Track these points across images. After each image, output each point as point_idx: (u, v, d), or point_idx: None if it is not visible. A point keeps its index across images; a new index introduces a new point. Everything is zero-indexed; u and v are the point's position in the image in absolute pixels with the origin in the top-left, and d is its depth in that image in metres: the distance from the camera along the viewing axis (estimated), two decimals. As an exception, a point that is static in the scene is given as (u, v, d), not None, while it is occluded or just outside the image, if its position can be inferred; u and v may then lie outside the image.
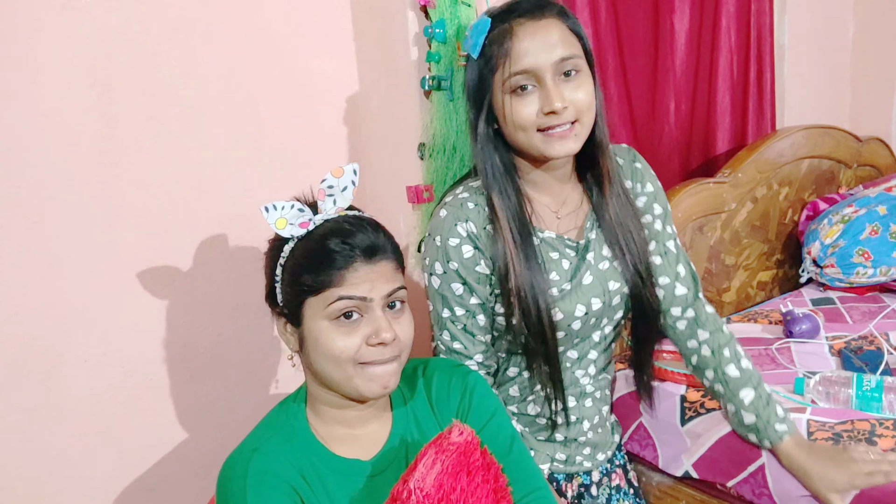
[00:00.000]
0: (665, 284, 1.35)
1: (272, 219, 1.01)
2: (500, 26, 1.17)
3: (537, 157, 1.20)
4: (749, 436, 1.33)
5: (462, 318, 1.25)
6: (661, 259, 1.35)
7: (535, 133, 1.16)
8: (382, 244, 1.01)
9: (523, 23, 1.16)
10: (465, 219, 1.21)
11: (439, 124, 1.54)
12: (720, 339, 1.36)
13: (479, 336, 1.27)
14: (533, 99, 1.15)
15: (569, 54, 1.15)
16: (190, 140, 1.47)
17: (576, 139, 1.17)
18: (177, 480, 1.54)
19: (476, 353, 1.27)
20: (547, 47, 1.14)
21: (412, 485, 0.92)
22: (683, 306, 1.37)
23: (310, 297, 0.99)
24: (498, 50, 1.16)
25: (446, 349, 1.27)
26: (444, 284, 1.23)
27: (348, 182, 1.04)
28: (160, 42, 1.41)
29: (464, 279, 1.22)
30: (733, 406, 1.33)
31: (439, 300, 1.25)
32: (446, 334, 1.26)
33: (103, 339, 1.41)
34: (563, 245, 1.26)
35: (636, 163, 1.36)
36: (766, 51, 2.24)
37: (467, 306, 1.24)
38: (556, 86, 1.14)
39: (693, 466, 1.43)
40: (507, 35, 1.16)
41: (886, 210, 2.11)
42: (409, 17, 1.55)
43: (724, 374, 1.34)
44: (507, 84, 1.16)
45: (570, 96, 1.14)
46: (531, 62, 1.14)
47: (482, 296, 1.24)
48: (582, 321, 1.26)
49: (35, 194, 1.31)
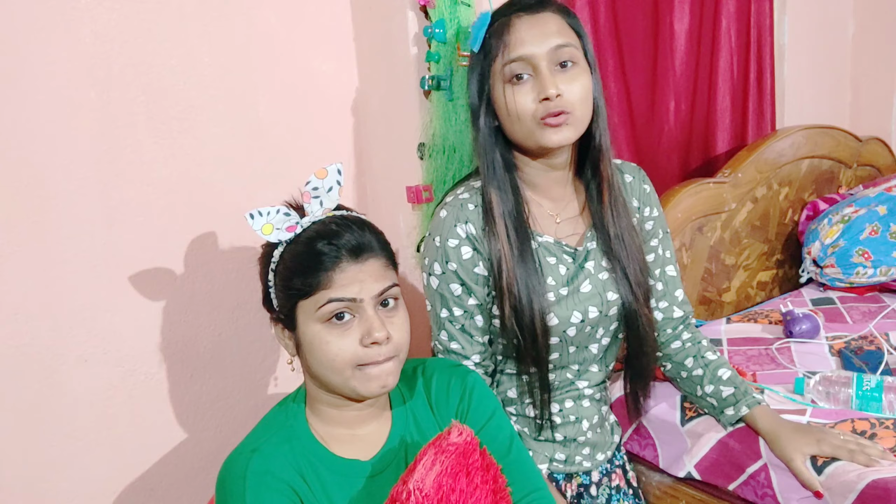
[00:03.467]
0: (664, 308, 1.41)
1: (258, 225, 1.01)
2: (499, 20, 1.20)
3: (534, 148, 1.21)
4: (727, 410, 1.38)
5: (460, 318, 1.25)
6: (663, 286, 1.40)
7: (532, 122, 1.17)
8: (369, 242, 1.00)
9: (522, 16, 1.19)
10: (464, 220, 1.21)
11: (439, 124, 1.54)
12: (699, 336, 1.45)
13: (477, 337, 1.27)
14: (529, 88, 1.17)
15: (564, 42, 1.17)
16: (190, 140, 1.47)
17: (569, 129, 1.18)
18: (176, 480, 1.54)
19: (473, 354, 1.27)
20: (543, 35, 1.17)
21: (412, 485, 0.92)
22: (675, 326, 1.43)
23: (301, 301, 0.99)
24: (496, 42, 1.19)
25: (444, 349, 1.28)
26: (442, 285, 1.24)
27: (333, 182, 1.04)
28: (160, 42, 1.41)
29: (462, 280, 1.22)
30: (712, 385, 1.40)
31: (438, 300, 1.25)
32: (444, 334, 1.27)
33: (103, 339, 1.41)
34: (560, 251, 1.27)
35: (645, 185, 1.38)
36: (766, 51, 2.24)
37: (465, 307, 1.24)
38: (551, 74, 1.16)
39: (695, 468, 1.43)
40: (506, 27, 1.18)
41: (886, 210, 2.11)
42: (409, 17, 1.55)
43: (703, 359, 1.42)
44: (504, 72, 1.18)
45: (564, 87, 1.16)
46: (527, 50, 1.16)
47: (480, 297, 1.24)
48: (577, 328, 1.26)
49: (35, 194, 1.31)
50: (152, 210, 1.44)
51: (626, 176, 1.35)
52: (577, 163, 1.29)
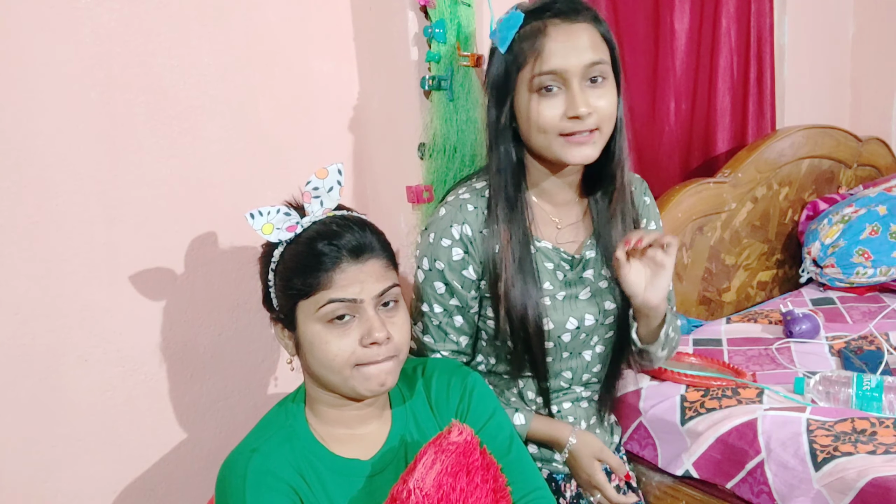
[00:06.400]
0: None
1: (258, 225, 1.01)
2: (532, 23, 1.15)
3: (553, 161, 1.18)
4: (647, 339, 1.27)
5: (438, 315, 1.25)
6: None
7: (555, 137, 1.14)
8: (370, 243, 1.00)
9: (557, 23, 1.13)
10: (461, 221, 1.21)
11: (439, 124, 1.54)
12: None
13: (452, 335, 1.27)
14: (558, 102, 1.13)
15: (598, 59, 1.13)
16: (190, 140, 1.47)
17: (594, 146, 1.15)
18: (176, 480, 1.54)
19: (444, 350, 1.28)
20: (578, 50, 1.12)
21: (412, 484, 0.92)
22: None
23: (301, 301, 0.99)
24: (528, 47, 1.14)
25: (416, 339, 1.28)
26: (427, 280, 1.24)
27: (333, 182, 1.04)
28: (160, 42, 1.41)
29: (447, 281, 1.22)
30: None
31: (420, 293, 1.26)
32: (419, 326, 1.28)
33: (103, 339, 1.41)
34: (558, 257, 1.26)
35: (646, 196, 1.36)
36: (766, 51, 2.24)
37: (446, 305, 1.25)
38: (581, 91, 1.12)
39: (693, 465, 1.44)
40: (540, 33, 1.13)
41: (886, 210, 2.11)
42: (409, 17, 1.55)
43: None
44: (533, 83, 1.14)
45: (594, 103, 1.13)
46: (560, 63, 1.12)
47: (463, 300, 1.24)
48: (572, 335, 1.26)
49: (35, 194, 1.31)
50: (152, 210, 1.44)
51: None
52: (585, 171, 1.27)
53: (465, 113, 1.52)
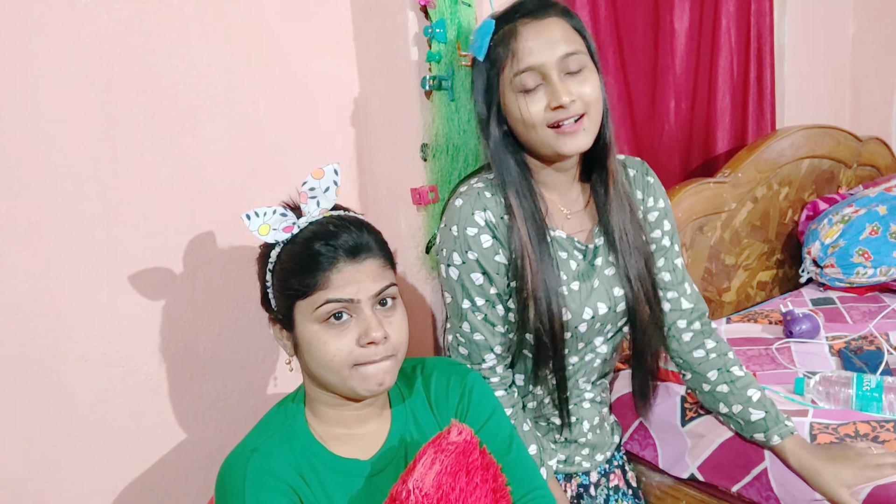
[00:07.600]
0: (672, 299, 1.37)
1: (254, 226, 1.01)
2: (504, 27, 1.18)
3: (549, 154, 1.20)
4: (755, 435, 1.32)
5: (483, 307, 1.24)
6: (670, 275, 1.36)
7: (546, 130, 1.16)
8: (366, 242, 1.00)
9: (528, 22, 1.17)
10: (482, 207, 1.21)
11: (441, 124, 1.54)
12: (724, 347, 1.39)
13: (499, 327, 1.26)
14: (540, 96, 1.16)
15: (572, 50, 1.16)
16: (189, 140, 1.47)
17: (585, 134, 1.17)
18: (176, 480, 1.54)
19: (496, 345, 1.26)
20: (551, 44, 1.15)
21: (411, 484, 0.92)
22: (689, 319, 1.38)
23: (299, 301, 0.99)
24: (504, 50, 1.17)
25: (466, 341, 1.26)
26: (463, 274, 1.22)
27: (330, 182, 1.04)
28: (160, 42, 1.41)
29: (483, 269, 1.21)
30: (739, 405, 1.33)
31: (459, 290, 1.24)
32: (466, 325, 1.25)
33: (103, 339, 1.41)
34: (571, 246, 1.27)
35: (648, 177, 1.37)
36: (766, 51, 2.24)
37: (487, 296, 1.23)
38: (561, 81, 1.15)
39: (699, 469, 1.43)
40: (512, 35, 1.16)
41: (886, 210, 2.11)
42: (409, 17, 1.55)
43: (729, 375, 1.35)
44: (513, 83, 1.16)
45: (576, 90, 1.15)
46: (536, 59, 1.15)
47: (500, 286, 1.23)
48: (588, 324, 1.26)
49: (35, 194, 1.31)
50: (152, 210, 1.44)
51: (629, 170, 1.35)
52: (583, 159, 1.28)
53: (467, 113, 1.52)
